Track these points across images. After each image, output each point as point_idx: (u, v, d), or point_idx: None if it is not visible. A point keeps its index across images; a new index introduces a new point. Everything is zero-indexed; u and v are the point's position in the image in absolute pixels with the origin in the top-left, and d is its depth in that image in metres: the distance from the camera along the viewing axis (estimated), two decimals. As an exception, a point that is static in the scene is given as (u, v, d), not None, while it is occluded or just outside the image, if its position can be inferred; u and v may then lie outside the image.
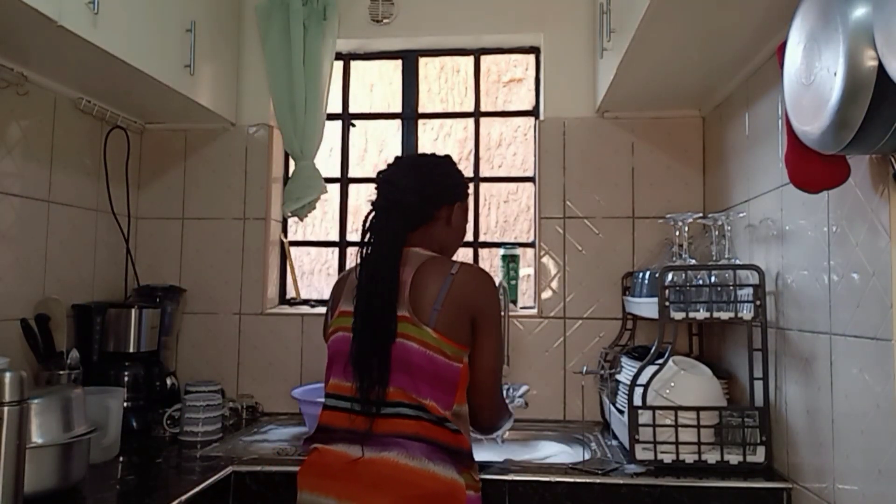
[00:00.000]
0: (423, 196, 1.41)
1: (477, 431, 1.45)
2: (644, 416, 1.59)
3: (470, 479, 1.27)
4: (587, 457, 1.70)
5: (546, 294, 2.21)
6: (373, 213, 1.39)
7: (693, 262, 1.83)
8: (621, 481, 1.51)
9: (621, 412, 1.78)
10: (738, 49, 1.64)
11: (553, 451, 1.91)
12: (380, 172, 1.45)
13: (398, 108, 2.46)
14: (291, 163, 2.36)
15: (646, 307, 1.82)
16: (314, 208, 2.34)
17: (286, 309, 2.37)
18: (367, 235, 1.36)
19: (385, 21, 2.33)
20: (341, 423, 1.30)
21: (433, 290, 1.30)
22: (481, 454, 1.68)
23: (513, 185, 2.60)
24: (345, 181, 2.46)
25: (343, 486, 1.24)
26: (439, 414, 1.25)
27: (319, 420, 1.35)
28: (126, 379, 1.93)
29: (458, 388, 1.29)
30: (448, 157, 1.51)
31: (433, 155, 1.52)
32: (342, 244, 2.45)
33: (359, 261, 1.35)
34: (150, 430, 1.91)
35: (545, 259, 2.22)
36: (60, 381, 1.72)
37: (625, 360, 1.89)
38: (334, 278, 2.52)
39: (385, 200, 1.39)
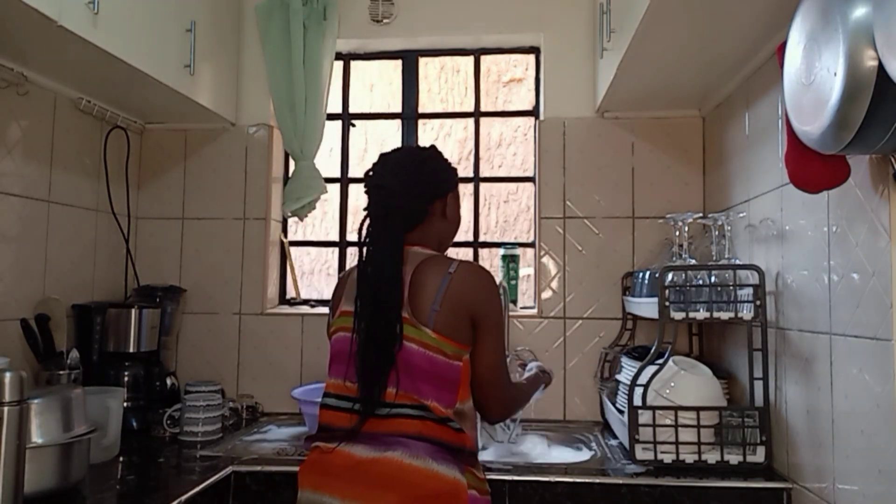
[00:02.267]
0: (416, 196, 1.39)
1: (486, 421, 1.44)
2: (644, 416, 1.59)
3: (472, 479, 1.27)
4: (587, 457, 1.70)
5: (546, 294, 2.21)
6: (367, 221, 1.37)
7: (693, 262, 1.82)
8: (621, 481, 1.51)
9: (621, 412, 1.78)
10: (738, 49, 1.64)
11: (553, 452, 1.91)
12: (367, 173, 1.42)
13: (398, 108, 2.46)
14: (291, 163, 2.36)
15: (646, 307, 1.82)
16: (314, 208, 2.34)
17: (286, 309, 2.37)
18: (366, 242, 1.35)
19: (385, 21, 2.33)
20: (342, 424, 1.29)
21: (431, 290, 1.29)
22: (482, 455, 1.68)
23: (513, 185, 2.60)
24: (345, 181, 2.46)
25: (346, 485, 1.24)
26: (441, 413, 1.25)
27: (320, 420, 1.35)
28: (126, 379, 1.94)
29: (459, 386, 1.29)
30: (433, 149, 1.47)
31: (418, 148, 1.48)
32: (342, 244, 2.45)
33: (359, 265, 1.34)
34: (150, 430, 1.91)
35: (545, 259, 2.22)
36: (60, 381, 1.72)
37: (625, 360, 1.89)
38: (334, 278, 2.53)
39: (379, 208, 1.37)
